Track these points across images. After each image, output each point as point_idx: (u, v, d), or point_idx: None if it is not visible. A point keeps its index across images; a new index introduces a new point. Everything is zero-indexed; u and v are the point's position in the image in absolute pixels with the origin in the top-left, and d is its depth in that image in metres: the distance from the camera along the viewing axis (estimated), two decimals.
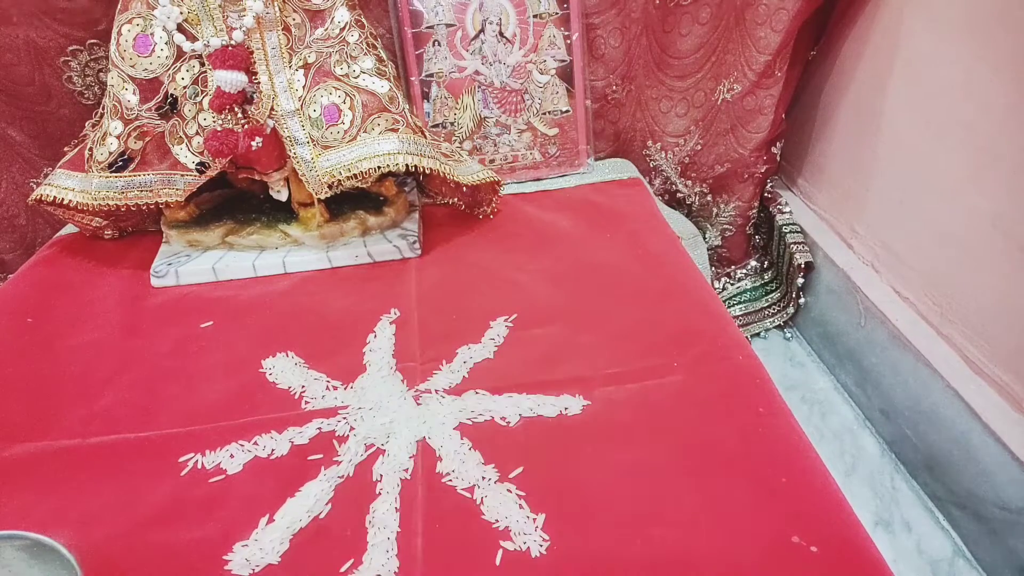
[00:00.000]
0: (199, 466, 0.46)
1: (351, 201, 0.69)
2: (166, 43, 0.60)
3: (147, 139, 0.62)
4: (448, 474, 0.45)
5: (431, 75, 0.75)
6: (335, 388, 0.52)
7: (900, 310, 0.80)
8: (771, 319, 1.00)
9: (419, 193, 0.75)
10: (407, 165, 0.61)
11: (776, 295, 1.00)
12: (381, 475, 0.45)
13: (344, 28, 0.62)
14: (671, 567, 0.40)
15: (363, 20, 0.64)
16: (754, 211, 0.95)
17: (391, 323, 0.59)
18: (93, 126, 0.65)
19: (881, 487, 0.79)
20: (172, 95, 0.61)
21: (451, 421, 0.49)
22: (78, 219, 0.69)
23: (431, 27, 0.73)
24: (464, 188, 0.72)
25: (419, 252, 0.68)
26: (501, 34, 0.74)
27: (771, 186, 0.96)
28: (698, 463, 0.45)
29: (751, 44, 0.80)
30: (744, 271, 1.01)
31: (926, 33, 0.72)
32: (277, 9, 0.60)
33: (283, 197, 0.67)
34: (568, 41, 0.75)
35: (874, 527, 0.75)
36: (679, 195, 0.94)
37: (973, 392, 0.69)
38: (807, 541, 0.40)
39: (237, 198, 0.72)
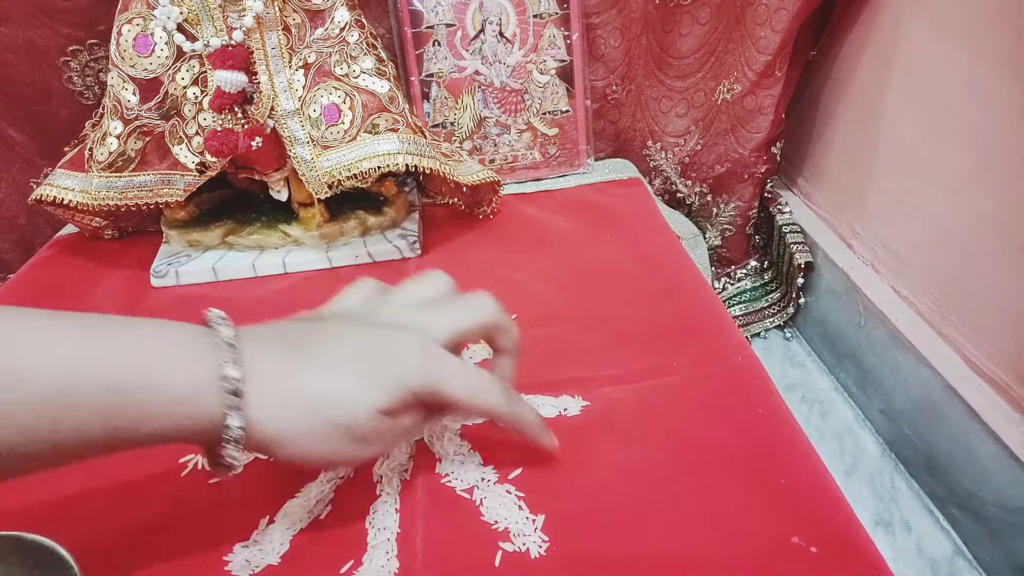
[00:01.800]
0: (199, 466, 0.46)
1: (351, 201, 0.69)
2: (166, 43, 0.60)
3: (147, 139, 0.63)
4: (447, 475, 0.45)
5: (431, 75, 0.75)
6: None
7: (900, 310, 0.80)
8: (771, 319, 1.00)
9: (419, 193, 0.75)
10: (407, 165, 0.61)
11: (776, 295, 1.00)
12: (381, 476, 0.45)
13: (344, 28, 0.62)
14: (671, 567, 0.40)
15: (363, 20, 0.64)
16: (754, 211, 0.95)
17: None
18: (93, 126, 0.65)
19: (881, 487, 0.79)
20: (172, 95, 0.61)
21: (450, 422, 0.49)
22: (78, 219, 0.69)
23: (431, 27, 0.73)
24: (464, 188, 0.72)
25: (419, 252, 0.68)
26: (501, 34, 0.74)
27: (771, 186, 0.96)
28: (698, 463, 0.45)
29: (751, 44, 0.80)
30: (744, 271, 1.01)
31: (926, 33, 0.72)
32: (277, 9, 0.60)
33: (283, 197, 0.67)
34: (568, 41, 0.75)
35: (874, 527, 0.75)
36: (679, 195, 0.94)
37: (973, 392, 0.69)
38: (807, 541, 0.40)
39: (237, 198, 0.72)
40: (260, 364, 0.35)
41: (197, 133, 0.62)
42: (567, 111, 0.78)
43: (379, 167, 0.61)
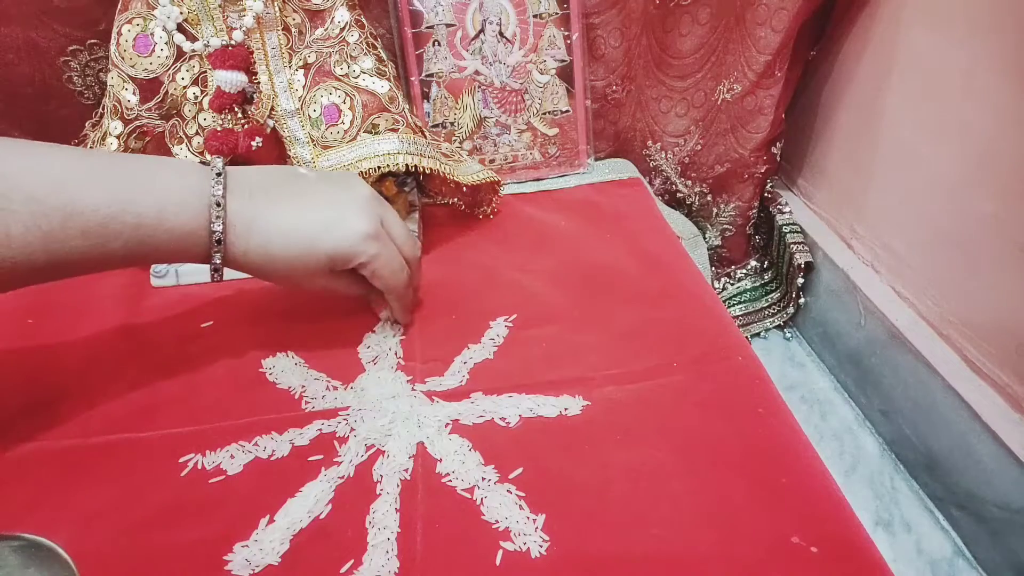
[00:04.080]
0: (199, 467, 0.46)
1: None
2: (166, 43, 0.60)
3: (147, 139, 0.62)
4: (448, 475, 0.45)
5: (431, 75, 0.75)
6: (335, 388, 0.52)
7: (900, 310, 0.80)
8: (771, 319, 1.00)
9: (419, 193, 0.75)
10: (407, 165, 0.61)
11: (776, 295, 1.00)
12: (381, 476, 0.45)
13: (344, 28, 0.62)
14: (671, 567, 0.40)
15: (363, 20, 0.64)
16: (754, 211, 0.95)
17: (391, 323, 0.59)
18: (93, 126, 0.65)
19: (881, 487, 0.79)
20: (172, 95, 0.61)
21: (450, 422, 0.49)
22: None
23: (431, 27, 0.73)
24: (464, 188, 0.72)
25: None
26: (501, 34, 0.74)
27: (771, 186, 0.96)
28: (698, 463, 0.45)
29: (751, 44, 0.80)
30: (744, 271, 1.01)
31: (926, 33, 0.72)
32: (277, 9, 0.60)
33: None
34: (568, 41, 0.75)
35: (874, 527, 0.75)
36: (679, 195, 0.94)
37: (973, 392, 0.69)
38: (807, 541, 0.40)
39: None
40: (240, 222, 0.46)
41: (197, 133, 0.62)
42: (567, 111, 0.78)
43: (379, 167, 0.61)
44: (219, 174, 0.46)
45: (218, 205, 0.45)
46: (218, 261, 0.46)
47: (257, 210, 0.47)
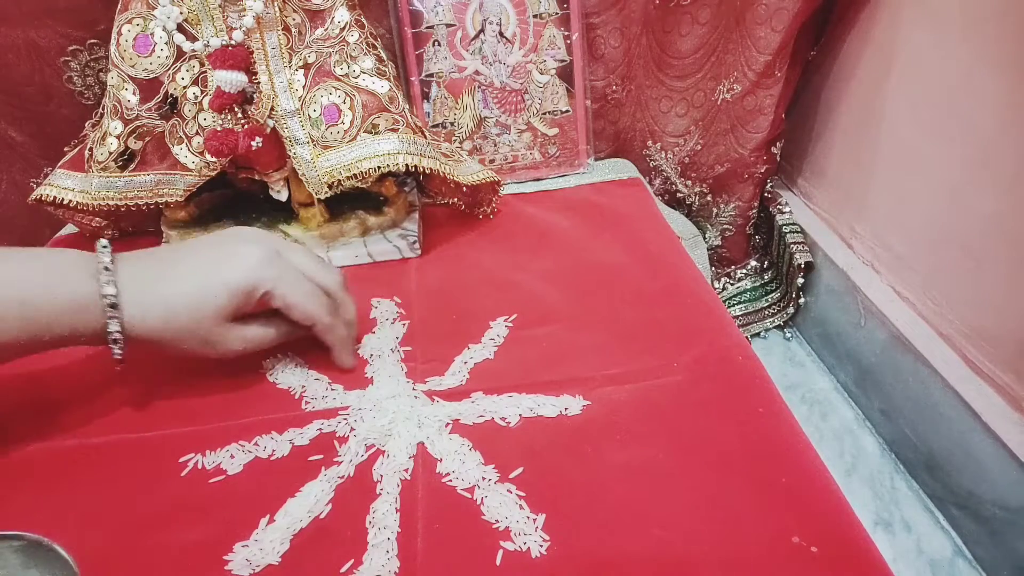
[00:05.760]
0: (199, 466, 0.46)
1: (351, 201, 0.69)
2: (166, 43, 0.60)
3: (147, 139, 0.63)
4: (448, 474, 0.45)
5: (431, 75, 0.75)
6: (335, 388, 0.52)
7: (900, 310, 0.80)
8: (771, 319, 1.00)
9: (419, 193, 0.75)
10: (407, 165, 0.61)
11: (776, 295, 1.00)
12: (381, 475, 0.45)
13: (344, 28, 0.62)
14: (671, 567, 0.40)
15: (363, 20, 0.64)
16: (754, 211, 0.95)
17: (391, 323, 0.59)
18: (93, 126, 0.65)
19: (881, 487, 0.79)
20: (172, 96, 0.61)
21: (451, 422, 0.49)
22: (78, 219, 0.69)
23: (431, 27, 0.73)
24: (464, 188, 0.72)
25: (419, 252, 0.68)
26: (501, 34, 0.74)
27: (771, 186, 0.96)
28: (698, 463, 0.45)
29: (751, 44, 0.80)
30: (744, 271, 1.01)
31: (926, 33, 0.72)
32: (277, 9, 0.60)
33: (283, 197, 0.67)
34: (568, 41, 0.75)
35: (874, 527, 0.75)
36: (679, 195, 0.94)
37: (973, 392, 0.69)
38: (807, 541, 0.40)
39: (237, 198, 0.72)
40: (131, 282, 0.45)
41: (197, 133, 0.62)
42: (567, 111, 0.78)
43: (379, 167, 0.61)
44: (104, 246, 0.45)
45: (107, 270, 0.44)
46: (115, 329, 0.44)
47: (149, 269, 0.46)
